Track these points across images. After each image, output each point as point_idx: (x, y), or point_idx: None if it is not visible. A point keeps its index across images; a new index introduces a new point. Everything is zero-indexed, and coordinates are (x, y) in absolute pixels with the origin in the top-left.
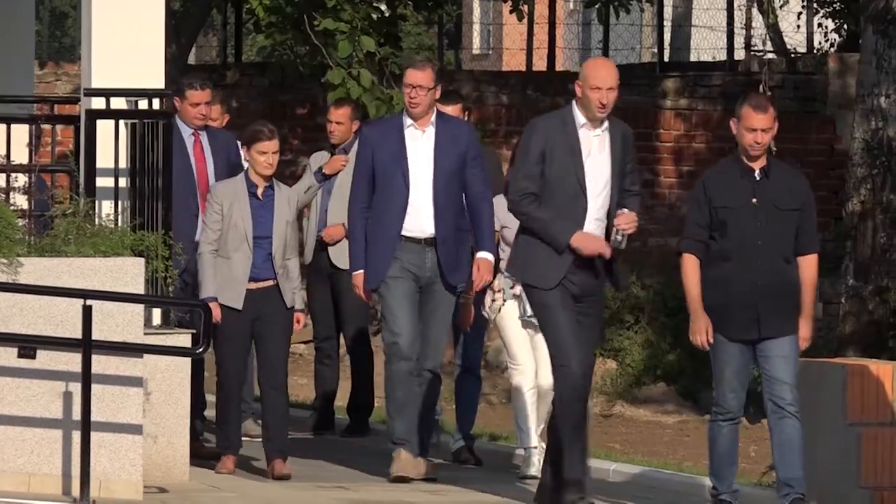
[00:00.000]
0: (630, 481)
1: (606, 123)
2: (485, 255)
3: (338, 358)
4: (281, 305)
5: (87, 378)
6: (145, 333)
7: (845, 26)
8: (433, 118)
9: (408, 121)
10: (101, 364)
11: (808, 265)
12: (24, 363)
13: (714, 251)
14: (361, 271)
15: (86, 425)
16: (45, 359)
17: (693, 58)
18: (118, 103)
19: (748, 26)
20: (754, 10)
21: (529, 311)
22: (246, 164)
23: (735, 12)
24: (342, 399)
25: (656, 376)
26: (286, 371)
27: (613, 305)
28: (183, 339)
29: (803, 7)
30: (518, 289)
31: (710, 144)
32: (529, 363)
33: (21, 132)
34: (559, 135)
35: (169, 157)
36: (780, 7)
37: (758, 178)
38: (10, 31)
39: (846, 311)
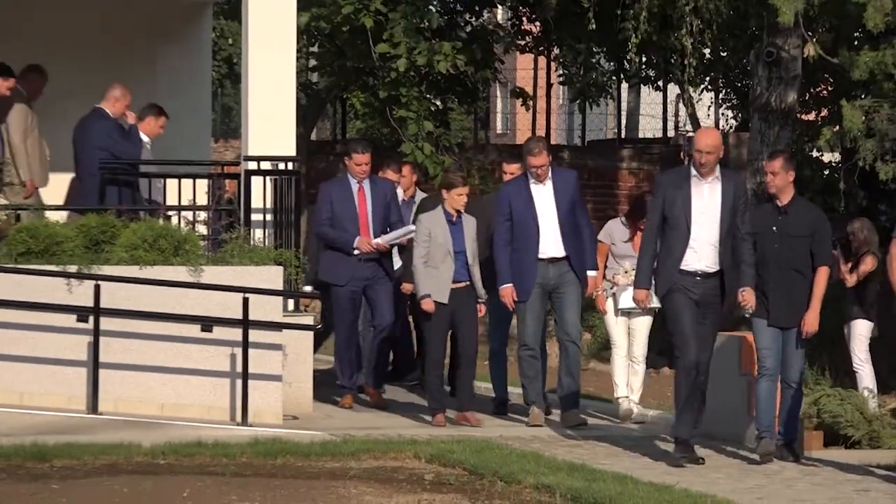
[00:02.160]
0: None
1: (718, 174)
2: (590, 273)
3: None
4: (473, 299)
5: (245, 344)
6: (283, 315)
7: (740, 114)
8: (550, 174)
9: (532, 180)
10: (255, 335)
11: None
12: (206, 335)
13: None
14: (510, 285)
15: (245, 375)
16: (219, 332)
17: (641, 135)
18: (265, 165)
19: (676, 114)
20: (680, 104)
21: (621, 305)
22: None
23: (668, 105)
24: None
25: None
26: (477, 345)
27: None
28: (307, 319)
29: (712, 102)
30: (615, 289)
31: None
32: (622, 341)
33: (202, 184)
34: (678, 184)
35: (299, 200)
36: (697, 101)
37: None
38: (195, 118)
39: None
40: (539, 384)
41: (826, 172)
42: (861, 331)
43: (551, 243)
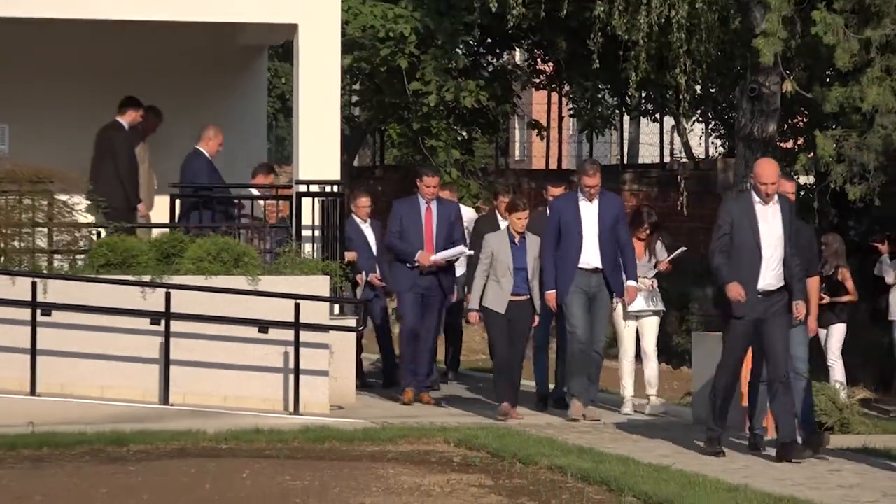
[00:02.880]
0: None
1: (776, 199)
2: (630, 283)
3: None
4: (530, 311)
5: (296, 344)
6: (329, 318)
7: (727, 143)
8: (598, 193)
9: (582, 198)
10: (305, 336)
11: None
12: (262, 336)
13: None
14: (553, 291)
15: (296, 371)
16: (274, 333)
17: (640, 161)
18: (313, 188)
19: (671, 143)
20: (675, 134)
21: (630, 308)
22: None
23: (664, 135)
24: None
25: None
26: (524, 353)
27: None
28: (350, 321)
29: (703, 132)
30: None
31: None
32: (631, 345)
33: (258, 205)
34: (744, 210)
35: (342, 218)
36: (689, 131)
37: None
38: (253, 147)
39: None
40: (584, 380)
41: (802, 193)
42: (838, 334)
43: (593, 254)
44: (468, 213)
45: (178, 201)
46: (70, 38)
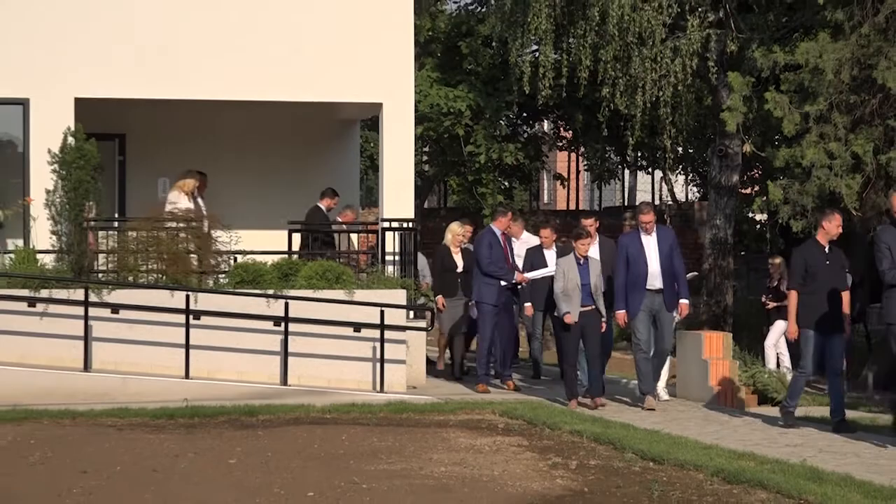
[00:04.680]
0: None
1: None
2: (684, 301)
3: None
4: (597, 318)
5: (382, 340)
6: (406, 321)
7: (701, 189)
8: (655, 228)
9: (642, 232)
10: (388, 334)
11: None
12: (356, 334)
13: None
14: (623, 311)
15: (381, 360)
16: (365, 332)
17: (637, 203)
18: (394, 225)
19: (660, 190)
20: (663, 184)
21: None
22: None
23: (655, 184)
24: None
25: None
26: (599, 349)
27: None
28: (421, 323)
29: (684, 182)
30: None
31: None
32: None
33: (353, 238)
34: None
35: (416, 247)
36: (674, 181)
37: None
38: (348, 196)
39: (703, 311)
40: (651, 378)
41: (758, 227)
42: (779, 329)
43: (656, 278)
44: (534, 240)
45: (294, 235)
46: (208, 112)
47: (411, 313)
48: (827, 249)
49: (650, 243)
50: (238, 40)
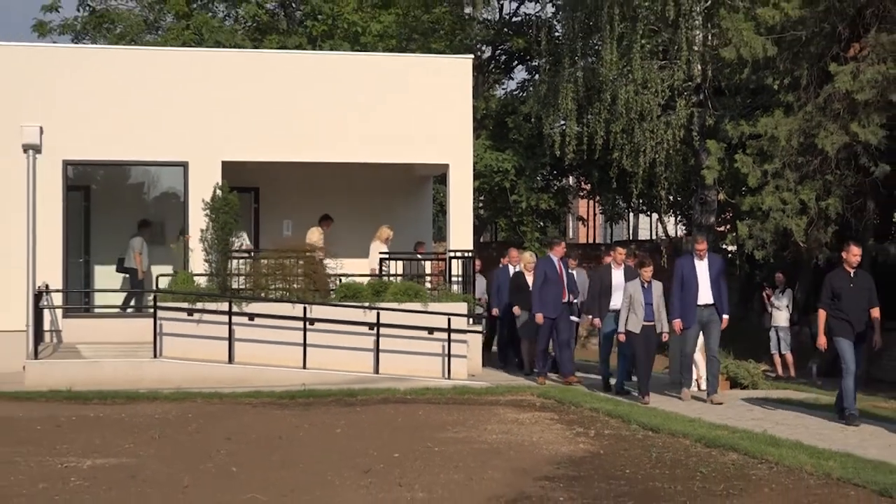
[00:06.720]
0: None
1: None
2: (725, 315)
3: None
4: (655, 332)
5: (448, 340)
6: (468, 325)
7: (686, 227)
8: (706, 255)
9: (696, 258)
10: (453, 336)
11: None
12: (430, 336)
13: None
14: (678, 320)
15: (448, 355)
16: (437, 335)
17: (640, 237)
18: (458, 254)
19: (656, 228)
20: (658, 223)
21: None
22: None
23: (652, 224)
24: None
25: None
26: (653, 358)
27: None
28: (478, 328)
29: (675, 222)
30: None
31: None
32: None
33: (427, 265)
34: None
35: (473, 270)
36: (667, 221)
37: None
38: (422, 234)
39: None
40: (690, 376)
41: (729, 255)
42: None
43: (705, 295)
44: (582, 277)
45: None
46: (322, 170)
47: (471, 320)
48: (852, 274)
49: (702, 267)
50: (344, 117)
